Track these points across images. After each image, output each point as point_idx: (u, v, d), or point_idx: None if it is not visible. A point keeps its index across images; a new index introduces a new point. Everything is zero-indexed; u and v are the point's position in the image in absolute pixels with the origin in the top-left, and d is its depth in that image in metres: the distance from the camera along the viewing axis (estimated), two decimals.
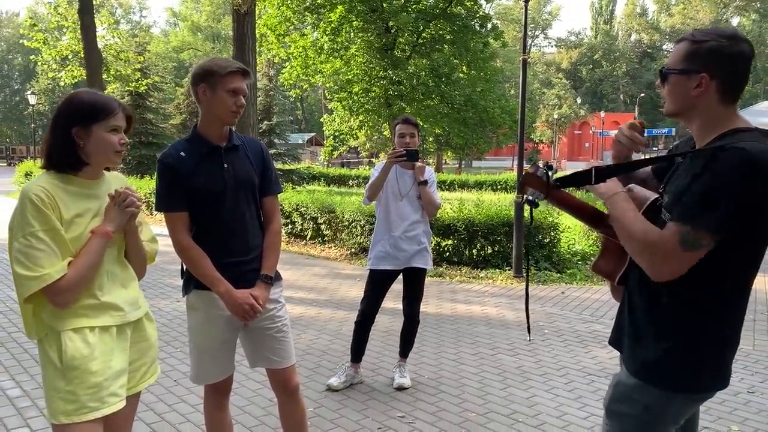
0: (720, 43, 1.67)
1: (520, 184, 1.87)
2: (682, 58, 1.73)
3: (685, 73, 1.71)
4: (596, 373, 4.58)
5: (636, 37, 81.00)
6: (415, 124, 4.15)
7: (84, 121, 2.09)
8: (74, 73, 19.09)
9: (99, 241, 2.09)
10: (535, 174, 1.82)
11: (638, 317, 1.81)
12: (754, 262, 1.71)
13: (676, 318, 1.72)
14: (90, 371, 2.04)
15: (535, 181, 1.82)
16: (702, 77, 1.68)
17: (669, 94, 1.79)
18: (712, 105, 1.71)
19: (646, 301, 1.78)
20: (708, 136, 1.73)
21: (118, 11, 70.61)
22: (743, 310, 1.76)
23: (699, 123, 1.75)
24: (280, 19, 22.20)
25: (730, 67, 1.68)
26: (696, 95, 1.71)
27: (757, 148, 1.57)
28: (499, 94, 26.48)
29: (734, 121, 1.71)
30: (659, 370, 1.74)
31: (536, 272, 8.10)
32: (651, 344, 1.75)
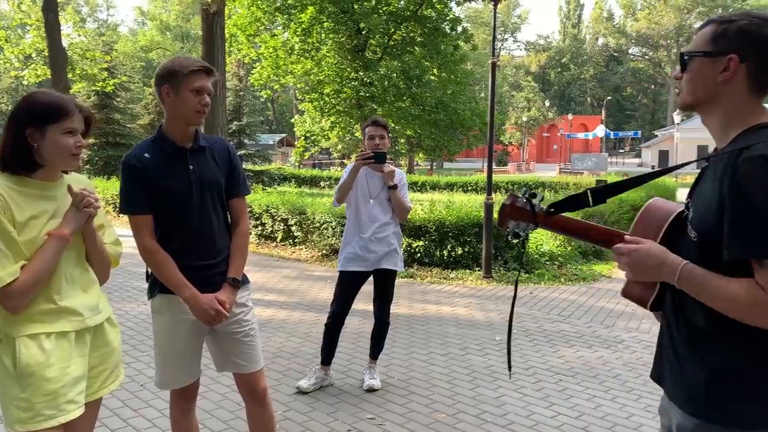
0: (752, 23, 1.47)
1: (501, 217, 1.66)
2: (707, 40, 1.52)
3: (711, 55, 1.50)
4: (564, 372, 4.63)
5: (603, 41, 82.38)
6: (385, 126, 4.15)
7: (38, 122, 2.03)
8: (38, 72, 18.70)
9: (55, 244, 2.04)
10: (515, 204, 1.64)
11: (679, 344, 1.57)
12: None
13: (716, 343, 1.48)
14: (45, 378, 1.99)
15: (517, 213, 1.64)
16: (730, 59, 1.47)
17: (689, 82, 1.56)
18: (740, 93, 1.49)
19: (684, 328, 1.55)
20: (731, 132, 1.51)
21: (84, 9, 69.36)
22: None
23: (721, 116, 1.53)
24: (251, 19, 22.04)
25: (763, 50, 1.46)
26: (722, 81, 1.49)
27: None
28: (469, 96, 26.66)
29: (763, 114, 1.50)
30: (718, 406, 1.47)
31: (505, 273, 8.17)
32: (698, 374, 1.50)
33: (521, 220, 1.64)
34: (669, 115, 67.25)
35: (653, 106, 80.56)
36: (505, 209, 1.65)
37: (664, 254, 1.52)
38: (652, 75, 78.55)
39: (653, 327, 5.83)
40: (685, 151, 50.12)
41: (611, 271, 8.79)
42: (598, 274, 8.48)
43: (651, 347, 5.25)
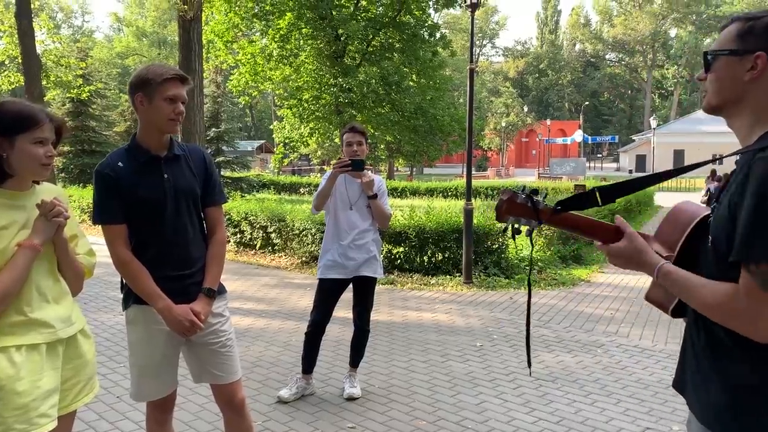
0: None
1: (498, 212, 1.61)
2: (733, 38, 1.47)
3: (738, 53, 1.45)
4: (544, 377, 4.64)
5: (580, 46, 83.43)
6: (363, 132, 4.13)
7: (7, 132, 1.99)
8: (11, 79, 18.41)
9: (25, 254, 2.00)
10: (514, 200, 1.59)
11: (700, 356, 1.51)
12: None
13: (749, 362, 1.39)
14: (15, 392, 1.94)
15: (517, 209, 1.60)
16: (758, 56, 1.42)
17: (714, 82, 1.51)
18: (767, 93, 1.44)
19: (703, 337, 1.49)
20: (758, 131, 1.45)
21: (59, 15, 68.59)
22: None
23: (748, 115, 1.47)
24: (228, 25, 21.95)
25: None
26: (749, 79, 1.44)
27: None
28: (448, 102, 26.81)
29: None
30: (739, 421, 1.41)
31: (485, 278, 8.19)
32: (719, 390, 1.43)
33: (522, 216, 1.60)
34: (645, 120, 68.25)
35: (630, 111, 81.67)
36: (503, 205, 1.60)
37: (640, 254, 1.53)
38: (629, 80, 79.66)
39: (632, 331, 5.88)
40: (661, 155, 50.85)
41: (590, 275, 8.86)
42: (577, 278, 8.54)
43: (630, 351, 5.28)
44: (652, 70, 74.17)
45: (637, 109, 79.60)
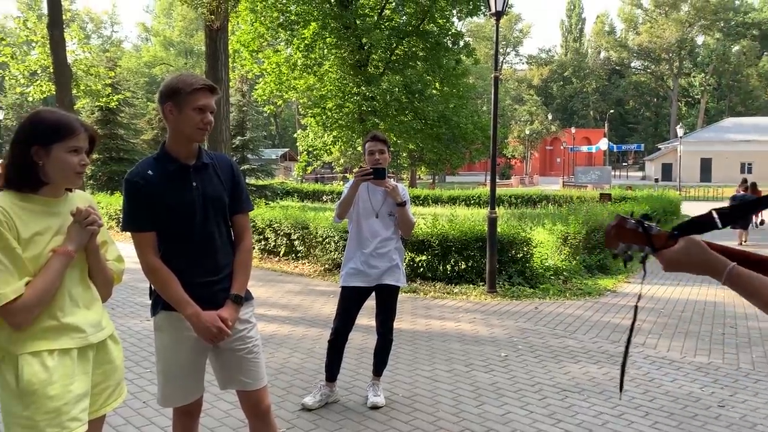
0: None
1: (608, 237, 1.55)
2: None
3: None
4: (570, 389, 4.58)
5: (605, 54, 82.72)
6: (385, 141, 4.12)
7: (44, 140, 2.04)
8: (43, 88, 18.80)
9: (59, 261, 2.03)
10: (623, 226, 1.54)
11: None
12: None
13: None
14: (48, 396, 1.97)
15: (627, 235, 1.53)
16: None
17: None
18: None
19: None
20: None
21: (89, 26, 69.95)
22: None
23: None
24: (254, 35, 22.18)
25: None
26: None
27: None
28: (471, 110, 26.69)
29: None
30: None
31: (510, 287, 8.13)
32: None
33: (633, 242, 1.53)
34: (672, 128, 67.36)
35: (656, 119, 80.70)
36: (612, 230, 1.55)
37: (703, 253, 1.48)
38: (655, 88, 78.74)
39: (660, 342, 5.79)
40: (688, 164, 50.12)
41: (617, 285, 8.75)
42: (603, 288, 8.43)
43: (658, 362, 5.20)
44: (678, 77, 73.24)
45: (663, 117, 78.61)
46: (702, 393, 4.50)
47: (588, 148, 58.26)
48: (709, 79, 71.31)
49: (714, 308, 7.11)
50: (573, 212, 11.34)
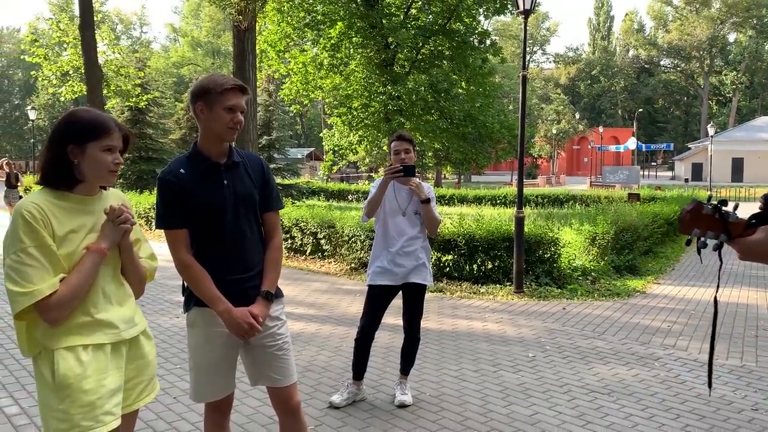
0: None
1: (681, 223, 1.50)
2: None
3: None
4: (599, 390, 4.53)
5: (634, 52, 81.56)
6: (410, 140, 4.12)
7: (79, 139, 2.07)
8: (74, 89, 19.17)
9: (93, 258, 2.07)
10: (699, 211, 1.50)
11: None
12: None
13: None
14: (82, 390, 2.00)
15: (703, 221, 1.50)
16: None
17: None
18: None
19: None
20: None
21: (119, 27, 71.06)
22: None
23: None
24: (280, 35, 22.32)
25: None
26: None
27: None
28: (498, 109, 26.54)
29: None
30: None
31: (537, 288, 8.06)
32: None
33: (709, 229, 1.50)
34: (702, 127, 66.21)
35: (686, 118, 79.37)
36: (686, 216, 1.51)
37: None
38: (685, 87, 77.42)
39: (691, 344, 5.69)
40: (719, 163, 49.20)
41: (646, 286, 8.62)
42: (632, 289, 8.32)
43: (689, 365, 5.11)
44: (709, 76, 71.90)
45: (693, 116, 77.24)
46: (734, 396, 4.42)
47: (616, 148, 57.52)
48: (741, 77, 69.89)
49: (746, 310, 6.96)
50: (601, 212, 11.20)
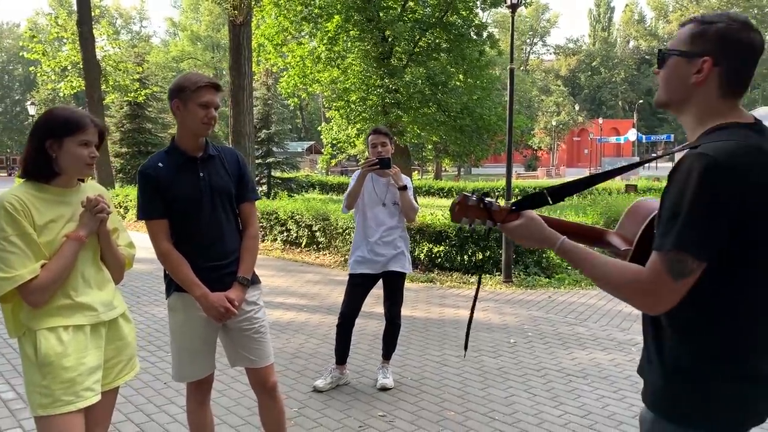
0: (730, 27, 1.45)
1: (452, 213, 1.69)
2: (686, 39, 1.50)
3: (687, 55, 1.49)
4: (575, 373, 4.68)
5: (634, 43, 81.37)
6: (386, 134, 4.30)
7: (57, 134, 2.22)
8: (73, 84, 19.30)
9: (72, 245, 2.22)
10: (465, 203, 1.68)
11: (648, 342, 1.60)
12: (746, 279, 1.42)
13: (674, 342, 1.49)
14: (63, 367, 2.16)
15: (470, 210, 1.68)
16: (705, 61, 1.46)
17: (664, 80, 1.56)
18: (711, 96, 1.48)
19: (650, 324, 1.59)
20: (698, 132, 1.50)
21: (118, 21, 71.10)
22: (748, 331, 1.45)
23: (692, 116, 1.53)
24: (278, 29, 22.41)
25: (737, 55, 1.46)
26: (695, 82, 1.48)
27: (719, 149, 1.36)
28: (496, 101, 26.61)
29: (732, 115, 1.49)
30: (662, 400, 1.51)
31: (525, 277, 8.21)
32: (656, 370, 1.53)
33: (476, 217, 1.69)
34: None
35: None
36: (455, 207, 1.70)
37: (541, 229, 1.63)
38: None
39: None
40: None
41: None
42: None
43: None
44: None
45: None
46: None
47: (616, 139, 57.52)
48: None
49: None
50: (593, 203, 11.34)
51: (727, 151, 1.35)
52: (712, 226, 1.34)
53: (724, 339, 1.43)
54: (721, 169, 1.33)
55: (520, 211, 1.67)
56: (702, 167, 1.34)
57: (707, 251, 1.36)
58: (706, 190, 1.33)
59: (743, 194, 1.35)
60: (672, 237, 1.36)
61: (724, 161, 1.34)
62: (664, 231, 1.39)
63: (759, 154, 1.39)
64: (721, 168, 1.33)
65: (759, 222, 1.38)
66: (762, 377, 1.46)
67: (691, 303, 1.41)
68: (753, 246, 1.39)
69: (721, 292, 1.42)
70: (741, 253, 1.39)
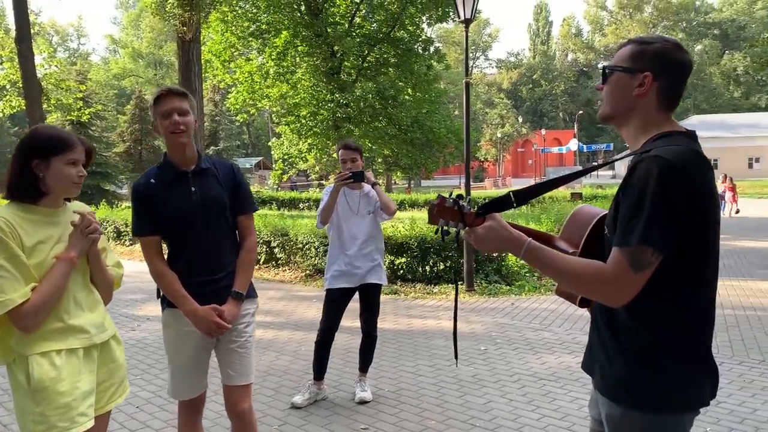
0: (666, 47, 1.65)
1: (430, 214, 1.75)
2: (627, 57, 1.69)
3: (630, 71, 1.67)
4: (547, 377, 4.78)
5: (572, 56, 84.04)
6: (357, 149, 4.31)
7: (43, 154, 2.17)
8: (12, 104, 18.61)
9: (63, 266, 2.16)
10: (443, 205, 1.73)
11: (603, 338, 1.70)
12: (695, 273, 1.59)
13: (631, 334, 1.62)
14: (58, 392, 2.09)
15: (446, 213, 1.73)
16: (645, 76, 1.64)
17: (609, 94, 1.73)
18: (651, 108, 1.67)
19: (605, 320, 1.69)
20: (641, 141, 1.68)
21: (54, 38, 69.07)
22: (699, 323, 1.63)
23: (634, 127, 1.70)
24: (225, 45, 22.25)
25: (673, 72, 1.65)
26: (637, 95, 1.66)
27: (672, 153, 1.52)
28: (444, 114, 27.03)
29: (669, 125, 1.68)
30: (633, 392, 1.62)
31: (487, 285, 8.34)
32: (619, 365, 1.64)
33: (451, 219, 1.73)
34: None
35: None
36: (433, 209, 1.74)
37: (507, 231, 1.69)
38: None
39: None
40: None
41: None
42: None
43: None
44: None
45: None
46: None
47: (558, 149, 59.08)
48: None
49: None
50: (545, 211, 11.63)
51: (678, 154, 1.53)
52: (671, 222, 1.49)
53: (680, 330, 1.59)
54: (675, 169, 1.50)
55: (486, 213, 1.73)
56: (659, 169, 1.49)
57: (667, 245, 1.50)
58: (664, 189, 1.48)
59: (693, 193, 1.51)
60: (636, 233, 1.49)
61: (677, 163, 1.50)
62: (627, 228, 1.52)
63: (699, 158, 1.58)
64: (675, 169, 1.50)
65: (706, 219, 1.55)
66: (709, 365, 1.64)
67: (651, 297, 1.55)
68: (704, 243, 1.56)
69: (677, 286, 1.57)
70: (694, 250, 1.55)
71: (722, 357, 5.20)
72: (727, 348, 5.45)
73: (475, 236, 1.70)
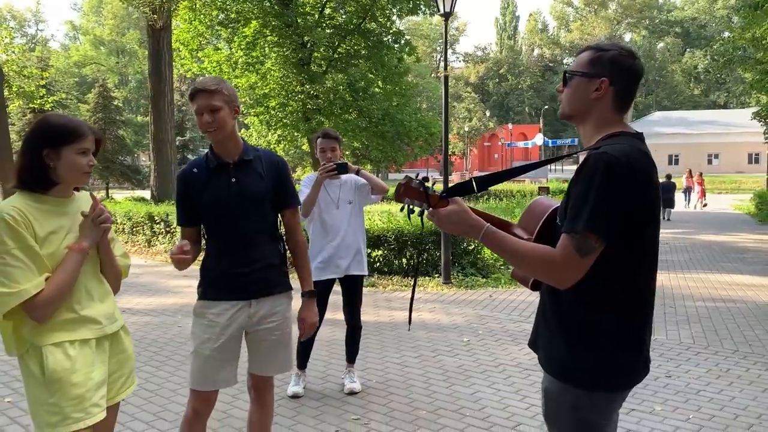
0: (621, 54, 1.80)
1: (397, 193, 1.84)
2: (585, 63, 1.83)
3: (588, 76, 1.81)
4: (531, 367, 4.88)
5: (539, 51, 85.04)
6: (335, 137, 4.27)
7: (55, 143, 2.14)
8: None
9: (75, 257, 2.14)
10: (410, 185, 1.84)
11: (548, 318, 1.85)
12: (636, 262, 1.74)
13: (575, 316, 1.76)
14: (72, 383, 2.08)
15: (412, 193, 1.84)
16: (602, 81, 1.79)
17: (568, 96, 1.87)
18: (606, 110, 1.81)
19: (551, 302, 1.83)
20: (594, 138, 1.83)
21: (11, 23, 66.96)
22: (638, 310, 1.79)
23: (590, 126, 1.85)
24: (193, 33, 21.83)
25: (627, 77, 1.81)
26: (594, 98, 1.81)
27: (618, 151, 1.66)
28: (414, 107, 27.09)
29: (620, 126, 1.82)
30: (571, 370, 1.77)
31: (463, 278, 8.45)
32: (560, 344, 1.78)
33: (416, 199, 1.84)
34: None
35: None
36: (401, 188, 1.84)
37: (468, 215, 1.80)
38: None
39: None
40: None
41: None
42: None
43: None
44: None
45: None
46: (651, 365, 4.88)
47: (524, 144, 59.75)
48: None
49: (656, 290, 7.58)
50: (517, 205, 11.80)
51: (624, 152, 1.67)
52: (614, 212, 1.63)
53: (621, 314, 1.74)
54: (620, 165, 1.63)
55: (449, 197, 1.84)
56: (605, 163, 1.64)
57: (610, 233, 1.64)
58: (608, 182, 1.62)
59: (635, 187, 1.66)
60: (581, 221, 1.63)
61: (622, 159, 1.64)
62: (574, 216, 1.66)
63: (645, 157, 1.73)
64: (620, 164, 1.63)
65: (645, 212, 1.70)
66: (643, 350, 1.81)
67: (595, 281, 1.68)
68: (642, 234, 1.72)
69: (619, 272, 1.71)
70: (635, 239, 1.70)
71: (698, 347, 5.38)
72: (702, 338, 5.64)
73: (438, 217, 1.82)
